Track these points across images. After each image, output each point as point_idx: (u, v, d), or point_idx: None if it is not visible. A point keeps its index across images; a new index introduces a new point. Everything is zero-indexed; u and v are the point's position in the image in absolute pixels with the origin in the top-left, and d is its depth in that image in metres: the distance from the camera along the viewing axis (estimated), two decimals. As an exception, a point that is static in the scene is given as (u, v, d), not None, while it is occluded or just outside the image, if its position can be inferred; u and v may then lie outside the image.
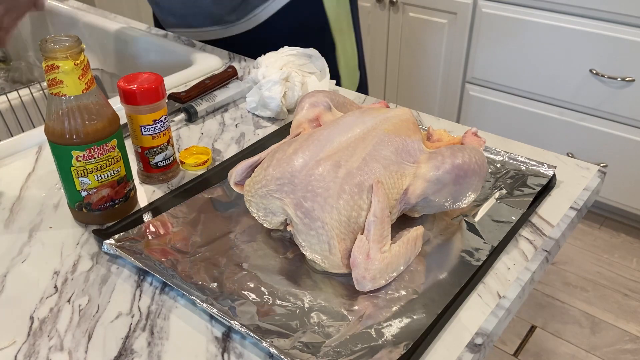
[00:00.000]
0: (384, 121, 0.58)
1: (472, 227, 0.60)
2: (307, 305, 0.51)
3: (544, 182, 0.66)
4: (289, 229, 0.56)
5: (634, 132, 1.72)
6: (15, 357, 0.48)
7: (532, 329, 1.62)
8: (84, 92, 0.56)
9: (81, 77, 0.55)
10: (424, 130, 0.73)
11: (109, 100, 0.70)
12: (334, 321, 0.49)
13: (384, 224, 0.53)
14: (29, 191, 0.68)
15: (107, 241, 0.58)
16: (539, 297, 1.70)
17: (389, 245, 0.53)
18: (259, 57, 0.86)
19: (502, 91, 1.92)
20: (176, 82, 0.92)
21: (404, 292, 0.52)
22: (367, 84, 1.18)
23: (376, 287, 0.52)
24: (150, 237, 0.59)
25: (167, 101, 0.75)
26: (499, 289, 0.53)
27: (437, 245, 0.58)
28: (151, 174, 0.69)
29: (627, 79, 1.66)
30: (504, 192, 0.65)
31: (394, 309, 0.51)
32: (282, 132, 0.78)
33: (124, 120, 0.66)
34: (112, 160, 0.59)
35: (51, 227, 0.62)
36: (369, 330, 0.49)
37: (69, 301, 0.53)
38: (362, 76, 1.14)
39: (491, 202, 0.63)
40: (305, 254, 0.54)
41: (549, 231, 0.60)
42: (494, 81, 1.91)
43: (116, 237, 0.58)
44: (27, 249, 0.59)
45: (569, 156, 0.73)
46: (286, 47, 0.86)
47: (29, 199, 0.67)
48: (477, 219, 0.61)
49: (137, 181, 0.70)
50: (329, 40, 1.04)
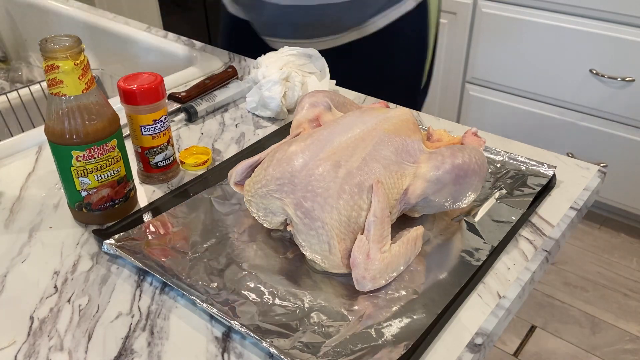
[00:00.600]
0: (384, 121, 0.58)
1: (472, 227, 0.60)
2: (307, 305, 0.51)
3: (544, 182, 0.66)
4: (289, 229, 0.56)
5: (634, 132, 1.72)
6: (15, 357, 0.48)
7: (532, 329, 1.62)
8: (84, 92, 0.56)
9: (81, 77, 0.55)
10: (424, 130, 0.73)
11: (109, 100, 0.70)
12: (334, 321, 0.49)
13: (384, 224, 0.53)
14: (29, 191, 0.68)
15: (107, 241, 0.58)
16: (539, 297, 1.70)
17: (389, 245, 0.53)
18: (259, 57, 0.85)
19: (502, 91, 1.92)
20: (176, 82, 0.92)
21: (404, 292, 0.52)
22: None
23: (376, 287, 0.52)
24: (150, 237, 0.59)
25: (167, 101, 0.75)
26: (499, 289, 0.53)
27: (437, 245, 0.58)
28: (151, 174, 0.69)
29: (627, 79, 1.66)
30: (504, 192, 0.65)
31: (394, 309, 0.51)
32: (282, 132, 0.78)
33: (124, 120, 0.66)
34: (112, 160, 0.59)
35: (51, 227, 0.62)
36: (369, 330, 0.48)
37: (69, 301, 0.53)
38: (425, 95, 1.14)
39: (491, 202, 0.63)
40: (305, 254, 0.54)
41: (549, 231, 0.60)
42: (494, 81, 1.91)
43: (116, 237, 0.58)
44: (27, 249, 0.59)
45: (569, 156, 0.73)
46: (286, 47, 0.85)
47: (29, 199, 0.67)
48: (477, 219, 0.61)
49: (137, 181, 0.70)
50: (423, 55, 1.03)
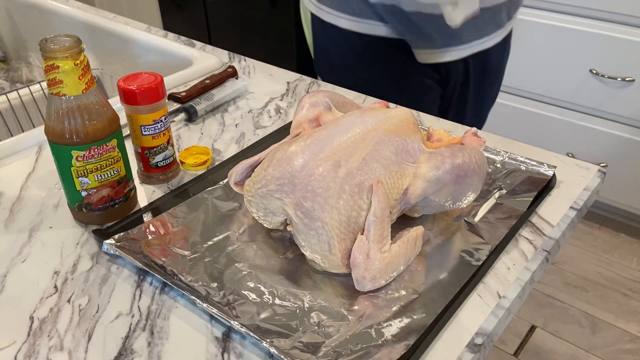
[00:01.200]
0: (384, 121, 0.58)
1: (472, 227, 0.60)
2: (307, 305, 0.51)
3: (544, 182, 0.66)
4: (289, 229, 0.55)
5: (634, 132, 1.72)
6: (15, 357, 0.48)
7: (532, 329, 1.62)
8: (84, 92, 0.56)
9: (81, 77, 0.55)
10: (424, 130, 0.73)
11: (109, 100, 0.70)
12: (334, 321, 0.49)
13: (384, 224, 0.53)
14: (29, 191, 0.68)
15: (107, 241, 0.58)
16: (539, 297, 1.70)
17: (389, 245, 0.53)
18: None
19: (502, 91, 1.92)
20: (176, 82, 0.92)
21: (404, 292, 0.52)
22: None
23: (376, 287, 0.52)
24: (150, 237, 0.59)
25: (167, 101, 0.75)
26: (499, 289, 0.53)
27: (437, 245, 0.58)
28: (151, 174, 0.69)
29: (627, 79, 1.66)
30: (504, 192, 0.65)
31: (394, 309, 0.51)
32: (282, 132, 0.78)
33: (124, 120, 0.66)
34: (112, 160, 0.59)
35: (51, 227, 0.62)
36: (369, 330, 0.48)
37: (69, 301, 0.53)
38: None
39: (491, 202, 0.63)
40: (305, 254, 0.54)
41: (549, 231, 0.60)
42: (494, 81, 1.91)
43: (116, 237, 0.58)
44: (27, 249, 0.59)
45: (569, 156, 0.73)
46: None
47: (29, 199, 0.67)
48: (477, 219, 0.61)
49: (137, 181, 0.70)
50: None
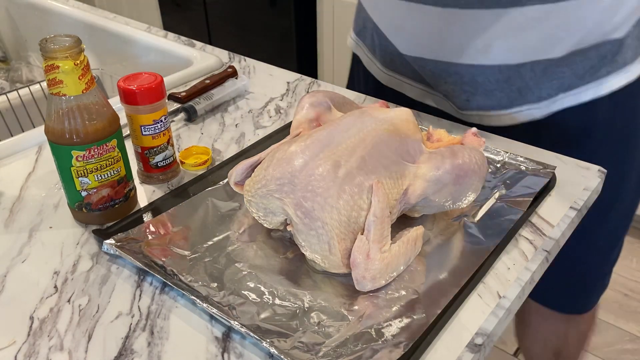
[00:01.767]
0: (384, 121, 0.58)
1: (472, 227, 0.60)
2: (307, 305, 0.51)
3: (544, 182, 0.66)
4: (289, 229, 0.55)
5: (634, 132, 1.72)
6: (15, 357, 0.48)
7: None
8: (84, 92, 0.56)
9: (81, 77, 0.55)
10: (424, 130, 0.73)
11: (109, 100, 0.70)
12: (334, 321, 0.49)
13: (384, 224, 0.53)
14: (29, 191, 0.68)
15: (107, 241, 0.58)
16: (539, 297, 1.70)
17: (389, 245, 0.53)
18: None
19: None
20: (176, 82, 0.92)
21: (404, 292, 0.52)
22: None
23: (376, 287, 0.52)
24: (150, 237, 0.59)
25: (167, 101, 0.75)
26: (499, 289, 0.53)
27: (437, 245, 0.58)
28: (151, 174, 0.69)
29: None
30: (504, 192, 0.65)
31: (394, 309, 0.51)
32: (282, 132, 0.78)
33: (124, 120, 0.66)
34: (112, 160, 0.59)
35: (51, 227, 0.62)
36: (369, 330, 0.48)
37: (69, 301, 0.53)
38: None
39: (491, 202, 0.63)
40: (305, 254, 0.54)
41: (549, 231, 0.60)
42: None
43: (116, 237, 0.58)
44: (27, 249, 0.59)
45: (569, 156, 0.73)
46: None
47: (29, 199, 0.67)
48: (477, 219, 0.61)
49: (137, 181, 0.70)
50: None
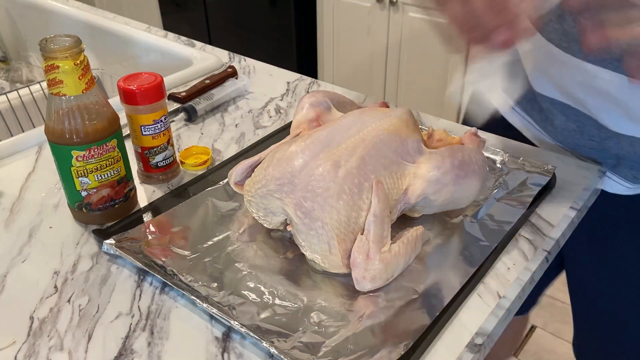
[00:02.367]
0: (384, 121, 0.58)
1: (472, 227, 0.60)
2: (307, 305, 0.51)
3: (544, 182, 0.66)
4: (289, 229, 0.56)
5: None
6: (15, 357, 0.48)
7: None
8: (84, 92, 0.56)
9: (81, 77, 0.55)
10: (424, 130, 0.73)
11: (109, 100, 0.70)
12: (334, 321, 0.49)
13: (384, 224, 0.53)
14: (29, 191, 0.68)
15: (107, 241, 0.58)
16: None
17: (389, 245, 0.53)
18: None
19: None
20: (176, 82, 0.92)
21: (404, 292, 0.52)
22: None
23: (376, 287, 0.52)
24: (150, 237, 0.59)
25: (167, 101, 0.75)
26: (499, 289, 0.53)
27: (437, 245, 0.58)
28: (151, 174, 0.69)
29: (627, 79, 1.65)
30: (504, 192, 0.65)
31: (394, 309, 0.51)
32: (282, 132, 0.78)
33: (124, 120, 0.66)
34: (112, 160, 0.59)
35: (51, 227, 0.62)
36: (369, 330, 0.48)
37: (69, 301, 0.53)
38: None
39: (491, 202, 0.63)
40: (305, 254, 0.54)
41: (549, 231, 0.60)
42: (494, 81, 1.91)
43: (116, 237, 0.58)
44: (27, 249, 0.59)
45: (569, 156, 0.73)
46: None
47: (29, 199, 0.67)
48: (477, 219, 0.61)
49: (137, 181, 0.70)
50: None
